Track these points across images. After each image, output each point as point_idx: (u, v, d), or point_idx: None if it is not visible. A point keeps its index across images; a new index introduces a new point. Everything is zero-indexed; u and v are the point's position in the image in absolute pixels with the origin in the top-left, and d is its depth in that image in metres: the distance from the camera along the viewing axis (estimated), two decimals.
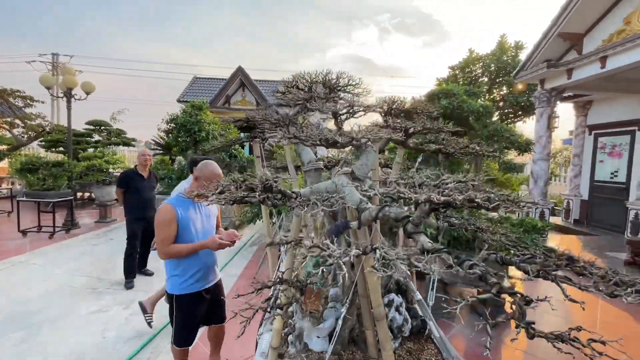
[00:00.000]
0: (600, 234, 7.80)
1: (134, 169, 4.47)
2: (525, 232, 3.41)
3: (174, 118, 7.19)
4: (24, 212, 7.10)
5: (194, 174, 2.21)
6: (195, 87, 17.65)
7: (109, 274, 4.74)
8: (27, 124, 10.81)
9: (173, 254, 2.11)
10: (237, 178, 0.88)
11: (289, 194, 0.84)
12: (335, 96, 1.64)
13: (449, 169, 4.47)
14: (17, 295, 3.95)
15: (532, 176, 7.00)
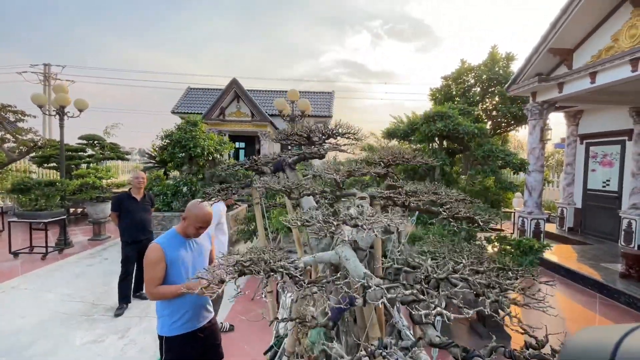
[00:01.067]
0: (594, 243, 7.88)
1: (128, 191, 4.42)
2: (523, 254, 3.42)
3: (169, 134, 7.15)
4: (15, 230, 6.97)
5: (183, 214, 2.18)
6: (190, 97, 17.62)
7: (103, 298, 4.65)
8: (19, 139, 10.67)
9: (159, 295, 2.07)
10: (240, 260, 0.87)
11: (297, 278, 0.83)
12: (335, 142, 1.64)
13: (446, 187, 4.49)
14: (8, 326, 3.85)
15: (527, 187, 7.06)
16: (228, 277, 0.79)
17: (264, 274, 0.80)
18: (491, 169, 3.82)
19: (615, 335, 0.35)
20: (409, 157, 1.39)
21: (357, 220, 0.85)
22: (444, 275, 0.76)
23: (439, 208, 1.07)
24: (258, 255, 0.92)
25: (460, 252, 1.35)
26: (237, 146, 16.55)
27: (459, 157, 4.98)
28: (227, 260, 0.92)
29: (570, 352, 0.40)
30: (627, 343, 0.34)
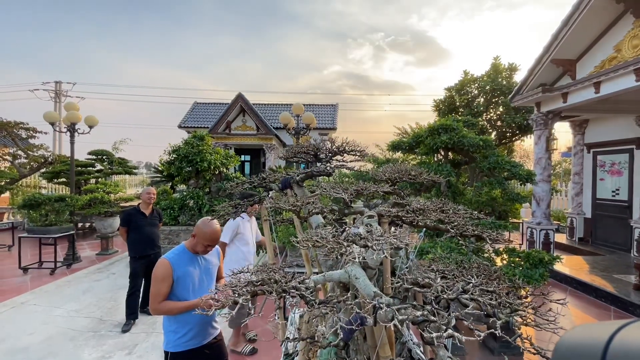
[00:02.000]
0: (606, 253, 7.72)
1: (137, 207, 4.48)
2: (533, 267, 3.37)
3: (177, 149, 7.26)
4: (25, 246, 7.06)
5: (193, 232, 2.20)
6: (196, 112, 17.94)
7: (111, 314, 4.66)
8: (30, 155, 10.93)
9: (163, 311, 2.08)
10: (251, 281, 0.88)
11: (309, 298, 0.85)
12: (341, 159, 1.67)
13: (452, 199, 4.48)
14: (18, 343, 3.86)
15: (534, 198, 6.99)
16: (241, 299, 0.81)
17: (276, 295, 0.82)
18: (497, 180, 3.81)
19: (607, 332, 0.35)
20: (415, 174, 1.41)
21: (367, 241, 0.87)
22: (454, 295, 0.77)
23: (447, 226, 1.08)
24: (269, 275, 0.94)
25: (469, 268, 1.35)
26: (242, 159, 16.72)
27: (464, 169, 4.98)
28: (239, 280, 0.94)
29: (562, 349, 0.40)
30: (619, 339, 0.34)
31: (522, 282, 3.21)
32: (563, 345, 0.40)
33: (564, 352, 0.40)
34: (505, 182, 3.84)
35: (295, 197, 1.72)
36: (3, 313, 4.66)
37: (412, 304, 0.80)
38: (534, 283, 3.15)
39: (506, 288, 0.90)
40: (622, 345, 0.33)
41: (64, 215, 6.84)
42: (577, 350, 0.38)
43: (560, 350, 0.40)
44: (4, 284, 5.85)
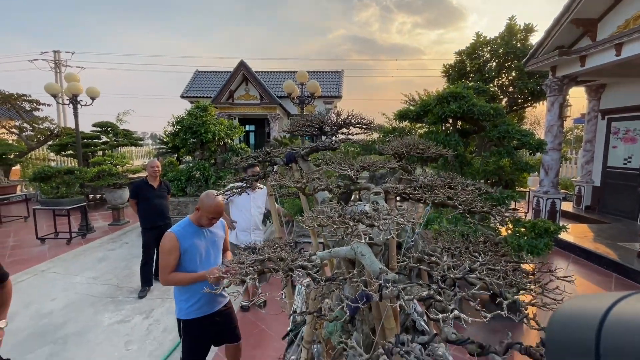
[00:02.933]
0: (612, 221, 7.72)
1: (145, 179, 4.52)
2: (538, 236, 3.39)
3: (180, 120, 7.20)
4: (40, 216, 7.28)
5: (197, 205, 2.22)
6: (198, 81, 17.55)
7: (126, 281, 4.88)
8: (36, 127, 10.96)
9: (173, 282, 2.16)
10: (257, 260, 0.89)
11: (315, 277, 0.86)
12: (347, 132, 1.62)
13: (459, 169, 4.43)
14: (41, 308, 4.10)
15: (543, 167, 6.89)
16: (249, 278, 0.82)
17: (282, 274, 0.83)
18: (507, 150, 3.72)
19: (605, 303, 0.34)
20: (423, 147, 1.37)
21: (373, 220, 0.86)
22: (460, 275, 0.77)
23: (455, 202, 1.06)
24: (276, 252, 0.95)
25: (476, 242, 1.35)
26: (247, 129, 16.57)
27: (473, 138, 4.86)
28: (247, 259, 0.95)
29: (558, 320, 0.39)
30: (617, 310, 0.33)
31: (526, 252, 3.24)
32: (558, 317, 0.39)
33: (559, 323, 0.39)
34: (514, 151, 3.75)
35: (300, 172, 1.70)
36: (26, 280, 4.92)
37: (418, 283, 0.81)
38: (538, 252, 3.18)
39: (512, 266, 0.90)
40: (619, 317, 0.32)
41: (74, 187, 6.98)
42: (573, 322, 0.37)
43: (556, 321, 0.39)
44: (24, 253, 6.12)
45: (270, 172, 1.61)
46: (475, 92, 4.12)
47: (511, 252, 2.99)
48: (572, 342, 0.36)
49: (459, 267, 0.79)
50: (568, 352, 0.36)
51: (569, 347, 0.36)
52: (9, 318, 3.84)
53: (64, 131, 10.98)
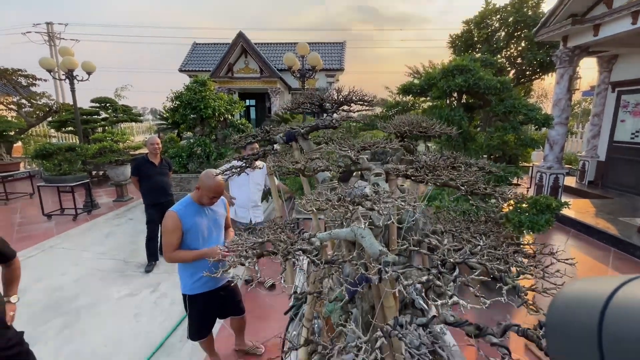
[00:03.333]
0: (615, 196, 7.71)
1: (145, 156, 4.51)
2: (540, 213, 3.39)
3: (179, 95, 7.06)
4: (44, 193, 7.37)
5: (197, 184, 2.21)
6: (196, 54, 17.05)
7: (133, 256, 5.00)
8: (34, 104, 10.82)
9: (176, 259, 2.20)
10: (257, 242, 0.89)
11: (314, 260, 0.86)
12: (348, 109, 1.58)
13: (463, 145, 4.37)
14: (52, 282, 4.24)
15: (548, 141, 6.78)
16: (247, 262, 0.82)
17: (281, 257, 0.83)
18: (512, 125, 3.64)
19: (608, 287, 0.33)
20: (426, 126, 1.33)
21: (373, 204, 0.84)
22: (461, 259, 0.76)
23: (457, 183, 1.04)
24: (275, 235, 0.94)
25: (477, 222, 1.34)
26: (247, 104, 16.29)
27: (478, 112, 4.75)
28: (246, 241, 0.95)
29: (560, 303, 0.38)
30: (621, 294, 0.32)
31: (527, 228, 3.26)
32: (560, 301, 0.39)
33: (561, 307, 0.38)
34: (520, 126, 3.67)
35: (300, 151, 1.67)
36: (35, 256, 5.05)
37: (418, 267, 0.80)
38: (539, 229, 3.19)
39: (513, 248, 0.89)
40: (622, 302, 0.31)
41: (76, 164, 6.99)
42: (575, 306, 0.36)
43: (557, 305, 0.39)
44: (32, 229, 6.24)
45: (269, 151, 1.58)
46: (482, 64, 3.97)
47: (512, 229, 2.99)
48: (574, 327, 0.35)
49: (459, 251, 0.78)
50: (569, 336, 0.36)
51: (570, 331, 0.35)
52: (22, 291, 3.96)
53: (62, 107, 10.84)
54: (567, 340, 0.36)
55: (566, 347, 0.36)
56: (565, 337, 0.36)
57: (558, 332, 0.38)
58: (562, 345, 0.37)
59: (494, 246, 0.82)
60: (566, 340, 0.36)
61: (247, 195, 3.94)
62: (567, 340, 0.36)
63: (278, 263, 0.89)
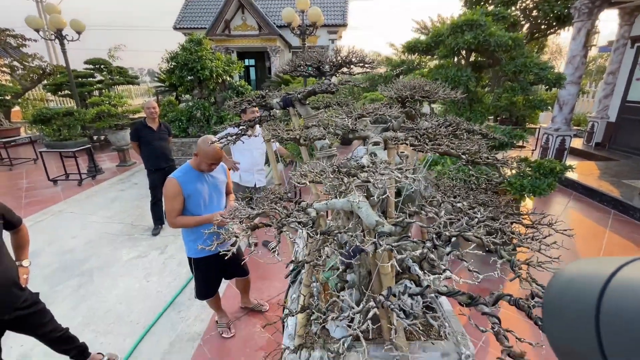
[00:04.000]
0: (621, 159, 7.60)
1: (143, 120, 4.43)
2: (543, 177, 3.36)
3: (174, 56, 6.77)
4: (48, 158, 7.40)
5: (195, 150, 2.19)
6: (191, 9, 16.10)
7: (140, 220, 5.13)
8: (27, 66, 10.49)
9: (179, 225, 2.24)
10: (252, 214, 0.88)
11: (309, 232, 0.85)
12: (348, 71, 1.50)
13: (469, 106, 4.23)
14: (63, 245, 4.39)
15: (558, 102, 6.54)
16: (242, 235, 0.82)
17: (275, 229, 0.82)
18: (521, 86, 3.47)
19: (610, 267, 0.33)
20: (429, 90, 1.26)
21: (369, 176, 0.82)
22: (457, 232, 0.75)
23: (458, 151, 1.01)
24: (271, 206, 0.93)
25: (477, 190, 1.32)
26: (246, 64, 15.68)
27: (487, 71, 4.53)
28: (241, 213, 0.94)
29: (560, 281, 0.38)
30: (621, 275, 0.31)
31: (528, 192, 3.24)
32: (560, 279, 0.38)
33: (560, 286, 0.38)
34: (530, 87, 3.51)
35: (298, 117, 1.62)
36: (45, 220, 5.19)
37: (413, 241, 0.80)
38: (540, 193, 3.18)
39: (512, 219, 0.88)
40: (622, 282, 0.31)
41: (76, 130, 6.92)
42: (575, 284, 0.36)
43: (556, 283, 0.38)
44: (39, 194, 6.36)
45: (265, 117, 1.53)
46: (493, 18, 3.69)
47: (513, 193, 2.96)
48: (572, 305, 0.35)
49: (455, 224, 0.77)
50: (567, 314, 0.35)
51: (568, 309, 0.35)
52: (36, 254, 4.13)
53: (56, 69, 10.51)
54: (564, 318, 0.36)
55: (563, 325, 0.36)
56: (563, 315, 0.36)
57: (555, 310, 0.37)
58: (559, 323, 0.36)
59: (492, 217, 0.81)
60: (563, 318, 0.36)
61: (251, 160, 3.92)
62: (564, 318, 0.36)
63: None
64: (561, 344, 0.36)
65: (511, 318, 2.88)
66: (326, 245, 0.87)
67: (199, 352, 2.65)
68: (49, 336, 2.20)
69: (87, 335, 2.80)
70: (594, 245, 4.13)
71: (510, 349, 0.65)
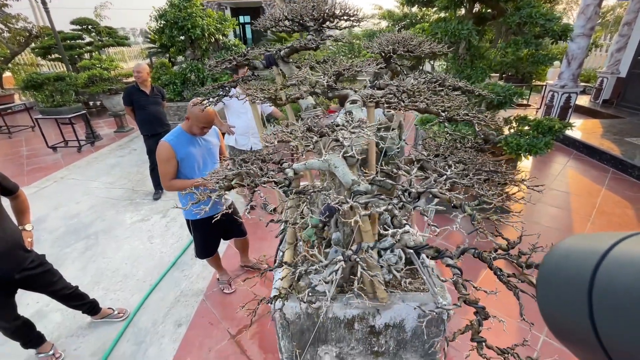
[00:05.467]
0: (628, 116, 7.41)
1: (135, 84, 4.33)
2: (541, 134, 3.31)
3: (163, 14, 6.42)
4: (45, 125, 7.37)
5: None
6: None
7: (140, 185, 5.21)
8: (12, 28, 10.05)
9: (175, 188, 2.28)
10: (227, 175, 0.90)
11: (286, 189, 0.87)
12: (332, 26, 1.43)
13: (470, 63, 4.07)
14: (69, 210, 4.52)
15: (567, 56, 6.25)
16: (214, 195, 0.84)
17: (248, 190, 0.84)
18: (525, 40, 3.29)
19: (606, 243, 0.33)
20: (414, 44, 1.21)
21: (340, 135, 0.82)
22: (423, 189, 0.76)
23: (438, 109, 0.99)
24: (247, 167, 0.95)
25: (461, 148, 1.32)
26: (241, 21, 14.89)
27: (491, 24, 4.28)
28: (218, 173, 0.95)
29: (557, 253, 0.38)
30: (618, 250, 0.31)
31: (524, 151, 3.22)
32: (556, 252, 0.38)
33: (556, 258, 0.38)
34: (534, 41, 3.32)
35: (282, 75, 1.57)
36: (49, 186, 5.29)
37: (382, 198, 0.81)
38: (536, 152, 3.15)
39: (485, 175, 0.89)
40: (620, 256, 0.31)
41: (69, 95, 6.79)
42: (571, 257, 0.36)
43: (553, 256, 0.39)
44: (41, 161, 6.41)
45: (248, 77, 1.49)
46: None
47: (509, 152, 2.92)
48: (566, 277, 0.35)
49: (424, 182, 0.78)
50: (561, 286, 0.36)
51: (562, 281, 0.36)
52: (42, 219, 4.26)
53: (43, 31, 10.06)
54: (558, 290, 0.36)
55: (556, 297, 0.36)
56: (557, 287, 0.36)
57: (550, 282, 0.38)
58: (553, 294, 0.37)
59: (462, 175, 0.82)
60: (557, 290, 0.36)
61: (246, 123, 3.88)
62: (558, 290, 0.36)
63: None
64: (554, 317, 0.37)
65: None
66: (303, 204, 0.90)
67: (202, 306, 2.83)
68: (60, 293, 2.34)
69: (97, 293, 2.99)
70: (587, 203, 4.18)
71: (466, 296, 0.69)
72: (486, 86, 3.20)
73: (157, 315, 2.76)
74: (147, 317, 2.75)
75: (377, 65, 1.15)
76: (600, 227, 3.67)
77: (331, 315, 1.37)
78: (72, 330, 2.64)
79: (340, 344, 1.47)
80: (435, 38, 3.59)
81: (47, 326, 2.67)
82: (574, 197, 4.35)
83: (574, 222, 3.79)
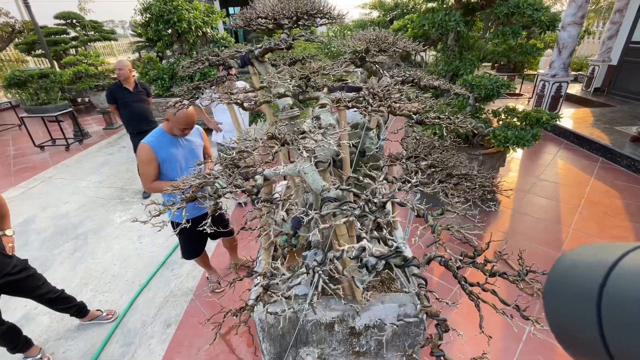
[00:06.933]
0: (618, 104, 7.44)
1: (119, 82, 4.24)
2: (529, 126, 3.31)
3: (147, 7, 6.26)
4: (32, 124, 7.23)
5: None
6: None
7: (130, 183, 5.15)
8: None
9: (156, 190, 2.25)
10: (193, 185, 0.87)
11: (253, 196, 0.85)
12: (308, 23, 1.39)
13: (459, 54, 4.03)
14: (57, 210, 4.47)
15: (557, 45, 6.21)
16: (174, 208, 0.82)
17: (209, 202, 0.82)
18: (513, 30, 3.26)
19: (614, 254, 0.33)
20: (389, 42, 1.18)
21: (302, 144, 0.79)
22: (385, 200, 0.75)
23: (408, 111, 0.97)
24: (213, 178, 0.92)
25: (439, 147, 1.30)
26: (231, 13, 14.62)
27: (480, 15, 4.23)
28: (184, 184, 0.93)
29: (565, 263, 0.38)
30: (627, 262, 0.31)
31: (512, 144, 3.21)
32: (564, 261, 0.38)
33: (564, 268, 0.38)
34: (522, 31, 3.29)
35: (258, 75, 1.54)
36: (37, 186, 5.22)
37: (351, 206, 0.80)
38: (524, 144, 3.15)
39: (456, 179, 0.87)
40: (630, 267, 0.31)
41: (54, 93, 6.64)
42: (580, 267, 0.36)
43: (561, 266, 0.38)
44: (28, 160, 6.31)
45: (223, 78, 1.45)
46: None
47: (497, 145, 2.93)
48: (574, 287, 0.35)
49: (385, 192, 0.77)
50: (569, 296, 0.35)
51: (570, 291, 0.35)
52: (30, 220, 4.21)
53: (26, 26, 9.80)
54: (565, 301, 0.36)
55: (564, 308, 0.36)
56: (565, 298, 0.36)
57: (558, 292, 0.37)
58: (560, 305, 0.37)
59: (425, 182, 0.81)
60: (565, 301, 0.36)
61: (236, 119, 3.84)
62: (565, 301, 0.36)
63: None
64: (562, 328, 0.37)
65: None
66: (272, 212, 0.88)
67: (192, 306, 2.83)
68: (45, 297, 2.33)
69: (86, 294, 2.97)
70: (576, 193, 4.21)
71: (428, 308, 0.68)
72: (474, 78, 3.17)
73: (146, 315, 2.76)
74: (136, 317, 2.75)
75: (350, 66, 1.12)
76: (589, 217, 3.70)
77: (311, 318, 1.37)
78: (60, 333, 2.63)
79: (322, 345, 1.48)
80: (423, 30, 3.54)
81: (35, 329, 2.65)
82: (563, 187, 4.38)
83: (562, 213, 3.82)
